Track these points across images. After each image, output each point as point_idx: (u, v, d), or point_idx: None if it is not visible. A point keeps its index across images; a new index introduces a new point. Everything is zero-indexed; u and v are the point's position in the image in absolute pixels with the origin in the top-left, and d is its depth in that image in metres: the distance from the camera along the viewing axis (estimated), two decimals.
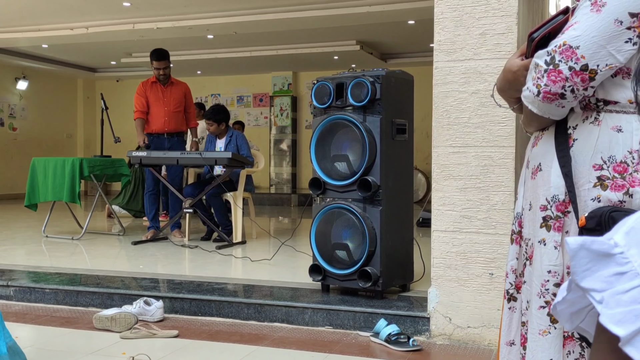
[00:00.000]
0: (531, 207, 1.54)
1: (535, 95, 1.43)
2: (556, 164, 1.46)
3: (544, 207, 1.48)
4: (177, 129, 6.43)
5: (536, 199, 1.52)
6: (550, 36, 1.47)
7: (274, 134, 13.36)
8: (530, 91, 1.44)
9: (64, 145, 14.21)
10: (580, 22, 1.39)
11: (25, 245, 5.96)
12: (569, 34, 1.39)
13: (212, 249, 5.54)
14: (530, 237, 1.54)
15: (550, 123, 1.50)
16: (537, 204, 1.50)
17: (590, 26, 1.37)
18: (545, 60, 1.41)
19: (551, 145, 1.48)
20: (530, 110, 1.48)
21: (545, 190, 1.48)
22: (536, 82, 1.43)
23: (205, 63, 12.21)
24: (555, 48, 1.40)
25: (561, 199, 1.45)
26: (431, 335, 3.23)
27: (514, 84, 1.55)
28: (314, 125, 3.76)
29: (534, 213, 1.52)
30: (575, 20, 1.41)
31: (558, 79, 1.39)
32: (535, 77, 1.43)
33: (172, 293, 3.77)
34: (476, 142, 3.10)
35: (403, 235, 3.77)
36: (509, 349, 1.63)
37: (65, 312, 3.79)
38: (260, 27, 9.10)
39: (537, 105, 1.45)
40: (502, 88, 1.62)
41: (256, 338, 3.27)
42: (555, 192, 1.46)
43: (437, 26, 3.16)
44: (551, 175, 1.47)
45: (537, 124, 1.52)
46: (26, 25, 9.43)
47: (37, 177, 6.41)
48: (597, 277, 0.74)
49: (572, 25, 1.40)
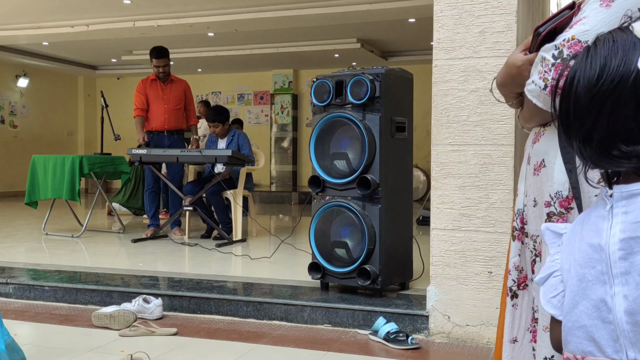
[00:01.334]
0: (536, 203, 1.53)
1: (541, 89, 1.42)
2: (560, 160, 1.45)
3: (547, 204, 1.48)
4: (177, 126, 6.42)
5: (541, 195, 1.51)
6: (556, 31, 1.46)
7: (274, 132, 13.36)
8: (537, 85, 1.44)
9: (64, 143, 14.21)
10: (589, 17, 1.38)
11: (25, 242, 5.96)
12: (577, 28, 1.39)
13: (212, 247, 5.54)
14: (538, 234, 1.53)
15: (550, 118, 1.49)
16: (542, 200, 1.50)
17: (600, 21, 1.36)
18: (553, 54, 1.40)
19: (554, 141, 1.47)
20: (533, 105, 1.47)
21: (549, 186, 1.48)
22: (543, 76, 1.42)
23: (206, 61, 12.21)
24: (564, 42, 1.39)
25: (564, 195, 1.45)
26: (430, 334, 3.23)
27: (517, 78, 1.55)
28: (314, 123, 3.75)
29: (539, 209, 1.52)
30: (584, 14, 1.40)
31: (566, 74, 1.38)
32: (542, 70, 1.42)
33: (171, 291, 3.77)
34: (475, 141, 3.09)
35: (402, 234, 3.77)
36: (512, 346, 1.63)
37: (64, 310, 3.80)
38: (260, 25, 9.09)
39: (542, 99, 1.44)
40: (504, 83, 1.61)
41: (255, 336, 3.27)
42: (559, 189, 1.45)
43: (437, 24, 3.16)
44: (555, 172, 1.46)
45: (539, 118, 1.51)
46: (27, 22, 9.43)
47: (37, 174, 6.42)
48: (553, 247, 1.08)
49: (581, 20, 1.40)
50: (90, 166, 6.26)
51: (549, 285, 1.05)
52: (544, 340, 1.47)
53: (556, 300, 1.04)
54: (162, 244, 5.84)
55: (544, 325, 1.47)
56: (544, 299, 1.06)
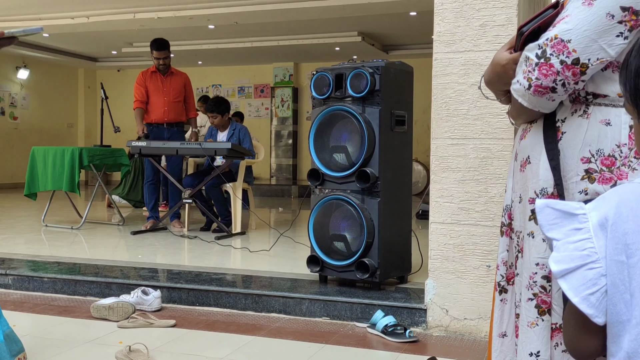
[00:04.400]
0: (521, 199, 1.54)
1: (526, 88, 1.43)
2: (544, 157, 1.46)
3: (532, 200, 1.48)
4: (177, 119, 6.42)
5: (525, 191, 1.52)
6: (539, 30, 1.46)
7: (274, 125, 13.35)
8: (521, 84, 1.44)
9: (64, 135, 14.21)
10: (572, 16, 1.38)
11: (25, 234, 5.96)
12: (560, 27, 1.39)
13: (211, 240, 5.55)
14: (521, 230, 1.54)
15: (538, 116, 1.49)
16: (527, 196, 1.50)
17: (582, 20, 1.36)
18: (537, 53, 1.40)
19: (540, 138, 1.48)
20: (519, 104, 1.47)
21: (534, 183, 1.48)
22: (527, 76, 1.42)
23: (206, 53, 12.19)
24: (547, 41, 1.39)
25: (549, 192, 1.45)
26: (428, 327, 3.24)
27: (502, 77, 1.55)
28: (313, 116, 3.75)
29: (524, 206, 1.52)
30: (566, 13, 1.40)
31: (549, 73, 1.38)
32: (526, 70, 1.42)
33: (170, 283, 3.78)
34: (475, 134, 3.09)
35: (401, 227, 3.77)
36: (501, 340, 1.63)
37: (63, 301, 3.80)
38: (261, 18, 9.07)
39: (527, 99, 1.44)
40: (491, 81, 1.61)
41: (253, 328, 3.27)
42: (544, 185, 1.46)
43: (437, 17, 3.15)
44: (540, 169, 1.47)
45: (525, 116, 1.52)
46: (27, 14, 9.40)
47: (37, 166, 6.41)
48: (560, 230, 0.93)
49: (564, 19, 1.40)
50: (90, 158, 6.26)
51: (583, 278, 0.89)
52: (529, 336, 1.47)
53: (594, 298, 0.88)
54: (161, 236, 5.85)
55: (529, 321, 1.47)
56: (578, 295, 0.89)
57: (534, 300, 1.47)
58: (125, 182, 8.53)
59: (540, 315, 1.46)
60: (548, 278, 1.45)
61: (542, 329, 1.45)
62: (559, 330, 1.44)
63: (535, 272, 1.46)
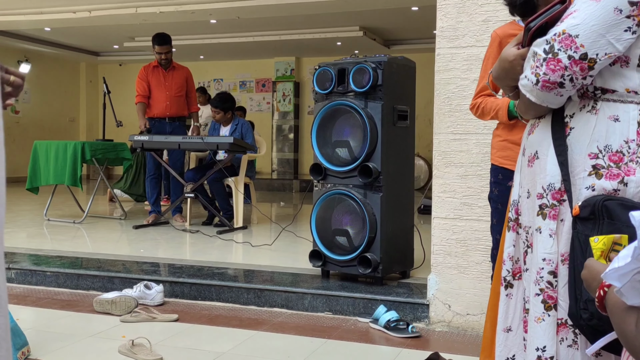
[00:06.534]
0: (529, 195, 1.54)
1: (534, 84, 1.42)
2: (552, 152, 1.46)
3: (540, 195, 1.48)
4: (179, 113, 6.42)
5: (534, 187, 1.52)
6: (547, 25, 1.46)
7: (276, 120, 13.34)
8: (529, 80, 1.44)
9: (66, 129, 14.20)
10: (579, 11, 1.38)
11: (27, 228, 5.97)
12: (568, 22, 1.39)
13: (213, 234, 5.55)
14: (530, 225, 1.54)
15: (547, 111, 1.49)
16: (535, 192, 1.51)
17: (590, 15, 1.36)
18: (544, 49, 1.40)
19: (548, 134, 1.48)
20: (527, 99, 1.47)
21: (542, 178, 1.48)
22: (535, 71, 1.42)
23: (208, 48, 12.16)
24: (555, 37, 1.39)
25: (557, 187, 1.45)
26: (430, 322, 3.24)
27: (510, 72, 1.55)
28: (316, 110, 3.75)
29: (532, 201, 1.52)
30: (574, 8, 1.40)
31: (557, 68, 1.38)
32: (534, 65, 1.42)
33: (172, 277, 3.78)
34: (477, 130, 3.09)
35: (403, 222, 3.78)
36: (505, 335, 1.64)
37: (66, 295, 3.81)
38: (263, 12, 9.05)
39: (535, 94, 1.44)
40: (499, 77, 1.61)
41: (255, 323, 3.28)
42: (551, 181, 1.46)
43: (440, 12, 3.14)
44: (547, 164, 1.47)
45: (534, 112, 1.52)
46: (29, 8, 9.39)
47: (39, 160, 6.42)
48: None
49: (572, 14, 1.39)
50: (92, 152, 6.26)
51: None
52: (536, 331, 1.48)
53: None
54: (163, 230, 5.85)
55: (535, 316, 1.48)
56: None
57: (540, 296, 1.47)
58: (127, 176, 8.52)
59: (546, 310, 1.46)
60: (554, 273, 1.45)
61: (548, 324, 1.46)
62: (564, 325, 1.45)
63: (542, 267, 1.47)
